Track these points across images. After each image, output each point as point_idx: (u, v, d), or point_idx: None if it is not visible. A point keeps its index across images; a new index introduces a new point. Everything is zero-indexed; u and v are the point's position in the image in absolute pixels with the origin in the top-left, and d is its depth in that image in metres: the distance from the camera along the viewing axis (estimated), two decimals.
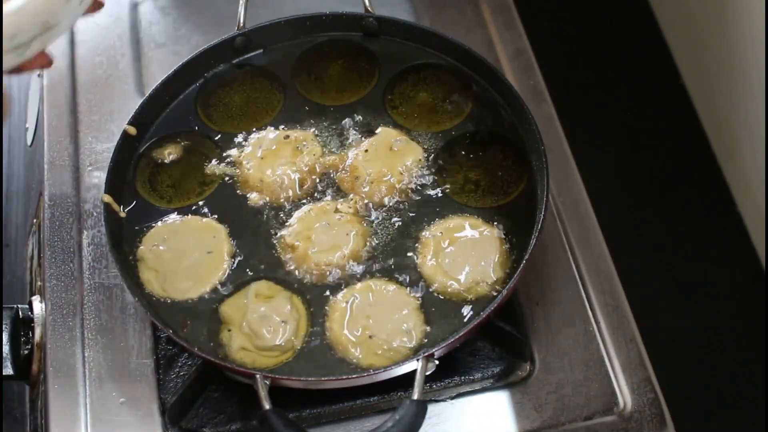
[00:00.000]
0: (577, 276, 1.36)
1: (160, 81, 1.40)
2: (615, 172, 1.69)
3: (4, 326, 1.29)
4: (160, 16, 1.64)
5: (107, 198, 1.29)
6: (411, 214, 1.31)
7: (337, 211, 1.29)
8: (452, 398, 1.28)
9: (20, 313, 1.32)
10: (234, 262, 1.28)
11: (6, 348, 1.29)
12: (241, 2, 1.42)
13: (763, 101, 1.50)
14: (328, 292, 1.25)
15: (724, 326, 1.58)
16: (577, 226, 1.40)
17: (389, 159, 1.33)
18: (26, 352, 1.31)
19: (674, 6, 1.80)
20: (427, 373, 1.15)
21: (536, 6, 1.66)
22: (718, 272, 1.63)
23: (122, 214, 1.31)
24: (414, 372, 1.14)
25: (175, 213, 1.32)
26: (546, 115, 1.49)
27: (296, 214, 1.30)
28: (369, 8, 1.43)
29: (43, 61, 1.13)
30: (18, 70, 1.09)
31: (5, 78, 1.04)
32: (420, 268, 1.26)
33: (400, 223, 1.30)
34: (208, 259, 1.27)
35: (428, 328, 1.21)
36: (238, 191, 1.34)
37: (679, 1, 1.77)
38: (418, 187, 1.33)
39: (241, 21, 1.43)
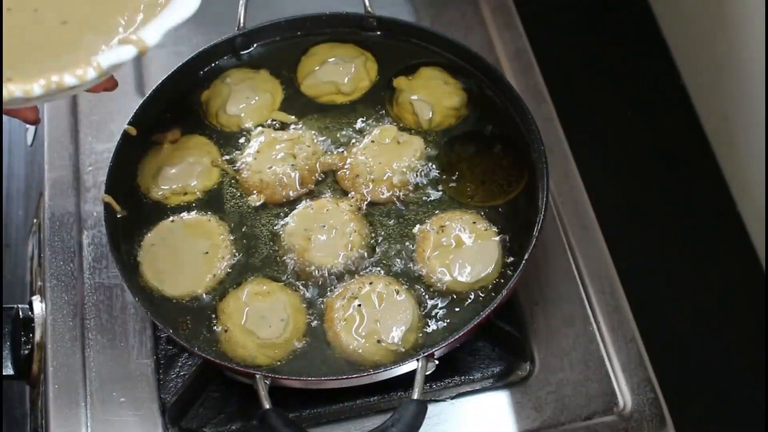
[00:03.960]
0: (577, 276, 1.36)
1: (160, 81, 1.40)
2: (615, 172, 1.68)
3: (4, 326, 1.30)
4: None
5: (107, 198, 1.29)
6: (411, 213, 1.31)
7: (336, 209, 1.29)
8: (452, 398, 1.28)
9: (20, 313, 1.32)
10: (233, 261, 1.28)
11: (6, 348, 1.29)
12: (241, 2, 1.42)
13: (763, 101, 1.50)
14: (327, 291, 1.25)
15: (724, 326, 1.58)
16: (577, 226, 1.40)
17: (389, 157, 1.33)
18: (26, 352, 1.31)
19: (674, 6, 1.79)
20: (427, 373, 1.15)
21: (536, 6, 1.66)
22: (718, 272, 1.63)
23: (122, 214, 1.31)
24: (414, 372, 1.14)
25: (176, 212, 1.32)
26: (546, 115, 1.49)
27: (296, 213, 1.30)
28: (369, 8, 1.43)
29: (108, 84, 1.15)
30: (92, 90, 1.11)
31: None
32: (420, 267, 1.26)
33: (400, 222, 1.30)
34: (208, 257, 1.27)
35: (428, 328, 1.21)
36: (237, 190, 1.34)
37: (679, 1, 1.77)
38: (418, 186, 1.33)
39: (241, 21, 1.43)
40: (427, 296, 1.24)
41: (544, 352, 1.30)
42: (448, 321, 1.22)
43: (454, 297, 1.24)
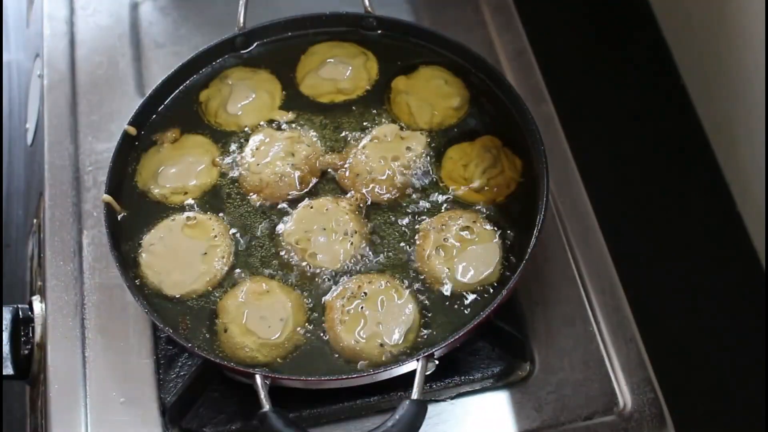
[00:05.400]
0: (577, 276, 1.36)
1: (160, 81, 1.40)
2: (615, 172, 1.68)
3: (4, 326, 1.30)
4: (160, 17, 1.64)
5: (107, 198, 1.29)
6: (411, 212, 1.31)
7: (337, 209, 1.29)
8: (452, 398, 1.28)
9: (20, 313, 1.32)
10: (233, 261, 1.28)
11: (6, 348, 1.29)
12: (241, 2, 1.42)
13: (763, 101, 1.50)
14: (327, 291, 1.25)
15: (724, 326, 1.58)
16: (577, 226, 1.40)
17: (390, 155, 1.33)
18: (26, 352, 1.31)
19: (674, 6, 1.80)
20: (427, 373, 1.15)
21: (536, 6, 1.66)
22: (718, 272, 1.63)
23: (122, 214, 1.31)
24: (414, 372, 1.14)
25: (175, 212, 1.32)
26: (546, 115, 1.49)
27: (295, 213, 1.30)
28: (369, 8, 1.43)
29: None
30: None
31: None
32: (420, 267, 1.26)
33: (400, 221, 1.30)
34: (207, 257, 1.27)
35: (428, 328, 1.21)
36: (237, 190, 1.34)
37: (679, 1, 1.77)
38: (418, 185, 1.33)
39: (241, 21, 1.43)
40: (427, 296, 1.24)
41: (544, 352, 1.30)
42: (448, 321, 1.22)
43: (454, 297, 1.23)
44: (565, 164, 1.46)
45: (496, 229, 1.28)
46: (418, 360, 1.14)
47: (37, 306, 1.34)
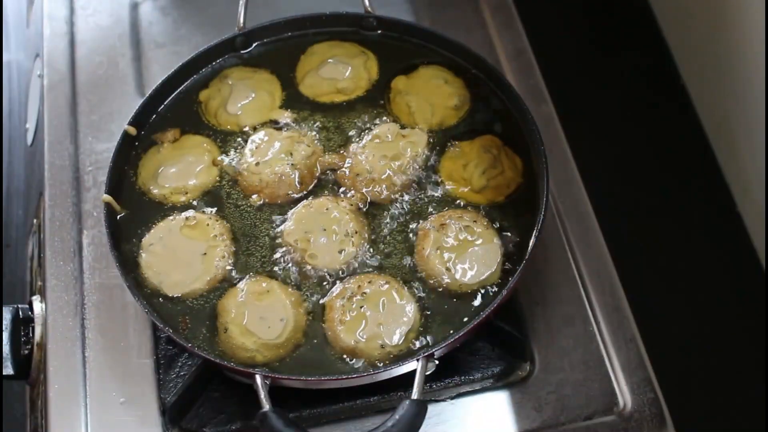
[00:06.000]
0: (577, 276, 1.36)
1: (160, 81, 1.40)
2: (615, 172, 1.68)
3: (4, 326, 1.30)
4: (160, 17, 1.64)
5: (107, 198, 1.29)
6: (411, 212, 1.31)
7: (337, 208, 1.29)
8: (452, 398, 1.28)
9: (20, 313, 1.32)
10: (233, 261, 1.28)
11: (6, 348, 1.29)
12: (241, 2, 1.42)
13: (763, 101, 1.50)
14: (327, 291, 1.25)
15: (724, 326, 1.58)
16: (577, 226, 1.40)
17: (390, 155, 1.33)
18: (26, 352, 1.31)
19: (674, 5, 1.80)
20: (427, 373, 1.15)
21: (536, 6, 1.66)
22: (718, 272, 1.63)
23: (122, 214, 1.31)
24: (414, 372, 1.14)
25: (175, 212, 1.32)
26: (546, 115, 1.49)
27: (295, 213, 1.30)
28: (369, 8, 1.43)
29: None
30: None
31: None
32: (420, 267, 1.26)
33: (400, 221, 1.30)
34: (208, 257, 1.27)
35: (428, 328, 1.21)
36: (237, 190, 1.34)
37: (679, 0, 1.77)
38: (418, 185, 1.33)
39: (241, 21, 1.43)
40: (426, 296, 1.24)
41: (544, 352, 1.30)
42: (448, 321, 1.22)
43: (454, 296, 1.23)
44: (565, 164, 1.46)
45: (496, 228, 1.28)
46: (418, 360, 1.14)
47: (37, 306, 1.34)
